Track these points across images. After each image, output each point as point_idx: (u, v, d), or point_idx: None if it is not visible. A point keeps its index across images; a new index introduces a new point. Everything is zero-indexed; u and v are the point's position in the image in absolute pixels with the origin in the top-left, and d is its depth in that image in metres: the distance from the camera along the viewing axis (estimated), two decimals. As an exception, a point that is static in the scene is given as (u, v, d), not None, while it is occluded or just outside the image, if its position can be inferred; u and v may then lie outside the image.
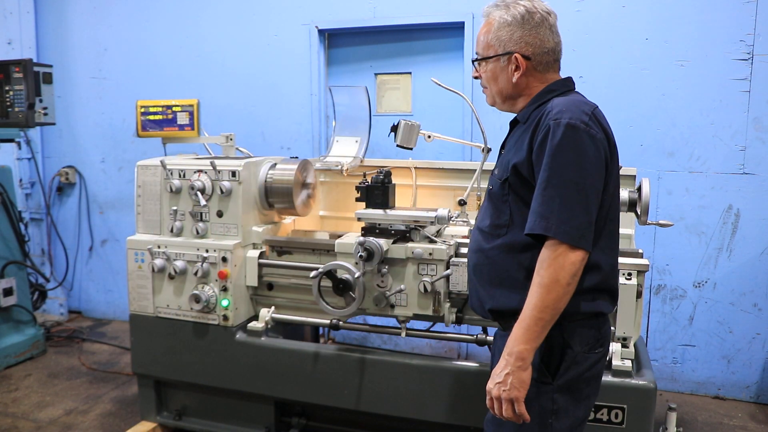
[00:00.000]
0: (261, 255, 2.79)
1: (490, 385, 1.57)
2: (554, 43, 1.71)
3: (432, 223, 2.51)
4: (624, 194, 2.50)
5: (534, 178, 1.58)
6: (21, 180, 4.83)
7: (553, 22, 1.71)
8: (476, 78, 1.83)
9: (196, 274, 2.75)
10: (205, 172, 2.78)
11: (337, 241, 2.62)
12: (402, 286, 2.51)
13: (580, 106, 1.57)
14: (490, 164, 2.17)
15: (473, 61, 1.82)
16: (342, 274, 2.52)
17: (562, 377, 1.61)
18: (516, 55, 1.68)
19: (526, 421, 1.55)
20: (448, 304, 2.50)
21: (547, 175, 1.52)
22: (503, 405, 1.53)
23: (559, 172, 1.50)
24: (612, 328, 2.36)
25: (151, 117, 3.18)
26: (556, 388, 1.61)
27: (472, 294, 1.84)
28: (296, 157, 3.03)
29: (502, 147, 1.84)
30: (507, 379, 1.52)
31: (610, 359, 2.30)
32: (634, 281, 2.32)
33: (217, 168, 2.76)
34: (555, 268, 1.48)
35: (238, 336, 2.76)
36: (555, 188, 1.50)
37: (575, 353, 1.61)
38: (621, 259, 2.36)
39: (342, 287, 2.51)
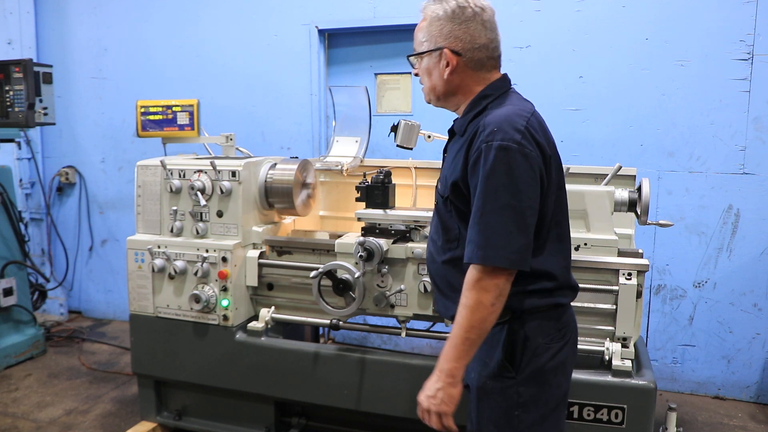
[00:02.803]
0: (261, 255, 2.79)
1: (421, 397, 1.60)
2: (487, 39, 1.65)
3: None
4: (624, 194, 2.50)
5: (471, 195, 1.57)
6: (21, 180, 4.83)
7: (488, 18, 1.65)
8: (416, 75, 1.78)
9: (196, 274, 2.75)
10: (205, 172, 2.78)
11: (337, 241, 2.62)
12: (402, 286, 2.51)
13: (513, 122, 1.53)
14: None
15: (408, 57, 1.77)
16: (342, 274, 2.52)
17: (525, 370, 1.61)
18: (446, 50, 1.63)
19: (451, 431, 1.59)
20: (448, 304, 2.50)
21: (481, 203, 1.51)
22: (432, 417, 1.58)
23: (494, 197, 1.49)
24: (611, 326, 2.37)
25: (151, 117, 3.18)
26: (520, 381, 1.62)
27: (436, 300, 1.86)
28: (296, 157, 3.02)
29: (445, 151, 1.82)
30: (437, 394, 1.55)
31: (610, 359, 2.31)
32: (634, 281, 2.32)
33: (217, 168, 2.76)
34: (478, 291, 1.50)
35: (238, 336, 2.76)
36: (491, 215, 1.49)
37: (536, 345, 1.62)
38: (621, 259, 2.39)
39: (342, 287, 2.51)
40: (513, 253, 1.48)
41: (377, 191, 2.66)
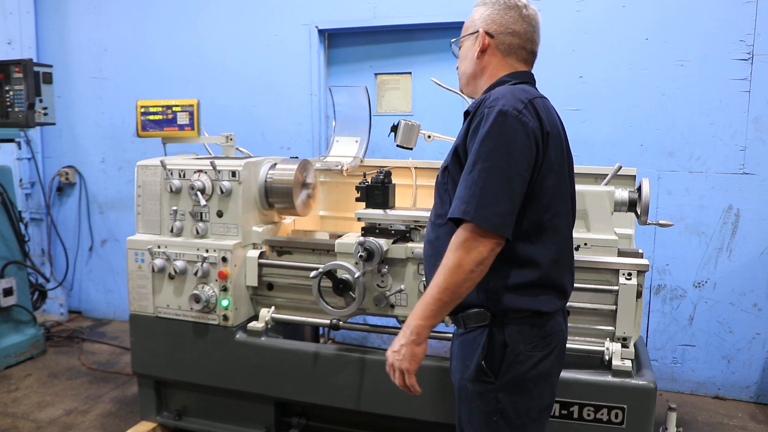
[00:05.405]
0: (261, 255, 2.79)
1: (388, 352, 1.62)
2: (522, 29, 1.70)
3: (432, 223, 2.50)
4: (624, 194, 2.50)
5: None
6: (21, 180, 4.83)
7: (529, 14, 1.71)
8: (457, 69, 1.85)
9: (196, 274, 2.75)
10: (205, 172, 2.78)
11: (337, 241, 2.63)
12: (402, 286, 2.52)
13: (518, 95, 1.56)
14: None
15: (451, 43, 1.85)
16: (342, 274, 2.52)
17: (506, 376, 1.59)
18: (480, 30, 1.70)
19: (416, 393, 1.62)
20: (448, 304, 2.49)
21: (473, 160, 1.51)
22: (396, 373, 1.61)
23: (486, 157, 1.49)
24: (611, 326, 2.37)
25: (151, 117, 3.18)
26: (499, 387, 1.59)
27: None
28: (296, 157, 3.02)
29: None
30: (401, 349, 1.58)
31: (610, 359, 2.31)
32: (634, 281, 2.32)
33: (217, 168, 2.76)
34: (461, 253, 1.48)
35: (238, 336, 2.76)
36: (480, 173, 1.49)
37: (517, 352, 1.58)
38: (621, 259, 2.39)
39: (342, 287, 2.51)
40: (495, 216, 1.46)
41: (377, 191, 2.66)
